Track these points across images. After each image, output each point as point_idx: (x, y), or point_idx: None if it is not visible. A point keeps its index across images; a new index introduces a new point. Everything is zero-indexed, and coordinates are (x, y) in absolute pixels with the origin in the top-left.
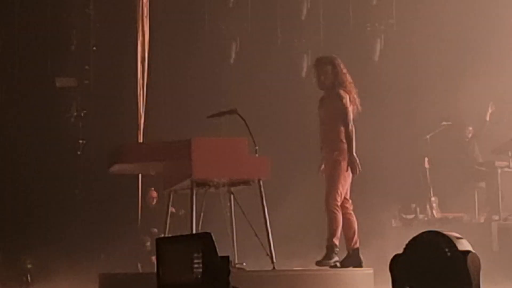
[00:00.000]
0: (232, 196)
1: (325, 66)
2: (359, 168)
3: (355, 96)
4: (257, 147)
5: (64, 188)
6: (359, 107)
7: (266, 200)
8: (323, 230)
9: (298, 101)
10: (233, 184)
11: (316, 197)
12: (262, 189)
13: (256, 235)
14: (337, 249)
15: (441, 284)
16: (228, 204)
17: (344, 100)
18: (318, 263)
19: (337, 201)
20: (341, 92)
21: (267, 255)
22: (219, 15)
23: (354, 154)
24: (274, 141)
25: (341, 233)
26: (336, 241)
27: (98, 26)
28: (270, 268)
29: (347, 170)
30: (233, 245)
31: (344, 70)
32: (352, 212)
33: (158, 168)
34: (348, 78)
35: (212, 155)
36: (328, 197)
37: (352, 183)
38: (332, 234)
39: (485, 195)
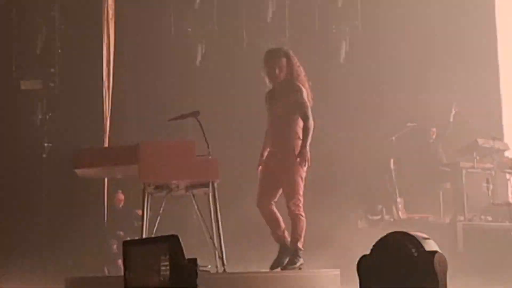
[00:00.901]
0: (193, 198)
1: (280, 58)
2: (308, 163)
3: (308, 89)
4: (210, 150)
5: (29, 191)
6: (311, 101)
7: (227, 202)
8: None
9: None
10: (193, 186)
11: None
12: (216, 191)
13: (210, 237)
14: (302, 252)
15: (409, 284)
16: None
17: (303, 94)
18: (283, 268)
19: (301, 204)
20: (300, 85)
21: (219, 257)
22: (185, 17)
23: (307, 147)
24: (240, 142)
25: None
26: (300, 244)
27: (63, 28)
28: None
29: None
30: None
31: (298, 63)
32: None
33: (124, 172)
34: (302, 70)
35: (160, 158)
36: (291, 201)
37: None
38: (297, 238)
39: (450, 196)
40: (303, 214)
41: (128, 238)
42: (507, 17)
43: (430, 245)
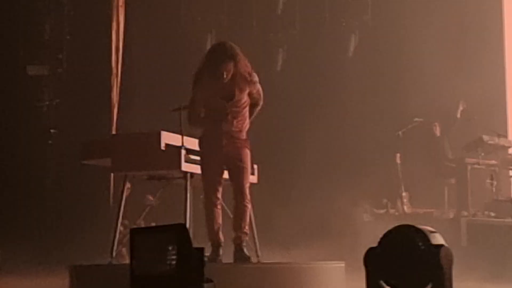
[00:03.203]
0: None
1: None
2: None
3: None
4: (184, 145)
5: (34, 178)
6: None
7: None
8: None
9: (273, 95)
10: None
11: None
12: (189, 182)
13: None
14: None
15: (415, 277)
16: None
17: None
18: (246, 260)
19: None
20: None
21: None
22: (195, 6)
23: None
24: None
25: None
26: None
27: (72, 14)
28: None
29: None
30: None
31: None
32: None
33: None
34: None
35: (129, 150)
36: (246, 189)
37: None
38: (245, 226)
39: (455, 191)
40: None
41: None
42: None
43: (437, 239)
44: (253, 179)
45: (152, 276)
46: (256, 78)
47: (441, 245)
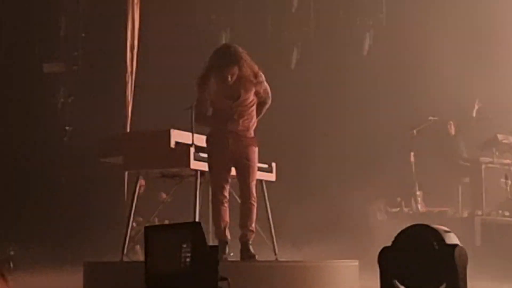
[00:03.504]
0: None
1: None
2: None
3: None
4: (194, 143)
5: (49, 175)
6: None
7: None
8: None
9: (287, 93)
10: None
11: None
12: (199, 180)
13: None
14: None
15: (429, 277)
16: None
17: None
18: (252, 258)
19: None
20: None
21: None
22: (209, 5)
23: None
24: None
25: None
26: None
27: (87, 11)
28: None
29: None
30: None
31: None
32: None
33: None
34: None
35: (139, 148)
36: (253, 188)
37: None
38: (252, 224)
39: (469, 190)
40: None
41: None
42: None
43: (451, 239)
44: (271, 177)
45: (167, 274)
46: (262, 78)
47: (456, 245)
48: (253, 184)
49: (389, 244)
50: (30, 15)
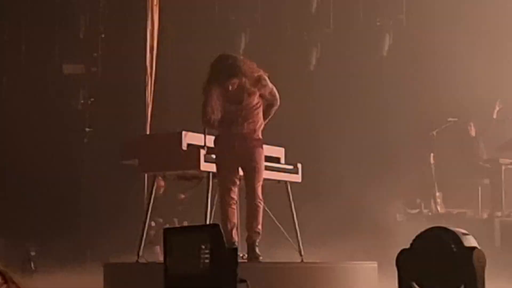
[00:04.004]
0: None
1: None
2: None
3: None
4: (205, 146)
5: (70, 176)
6: None
7: None
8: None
9: (306, 94)
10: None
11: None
12: (211, 181)
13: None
14: None
15: (447, 280)
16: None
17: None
18: (256, 259)
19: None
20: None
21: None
22: (228, 5)
23: None
24: (282, 133)
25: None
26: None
27: (107, 13)
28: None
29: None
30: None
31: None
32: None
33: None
34: None
35: (153, 150)
36: (258, 189)
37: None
38: (258, 226)
39: (489, 191)
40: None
41: (168, 225)
42: None
43: (470, 241)
44: (296, 178)
45: (186, 276)
46: (265, 82)
47: (474, 248)
48: (259, 186)
49: (408, 246)
50: (50, 17)
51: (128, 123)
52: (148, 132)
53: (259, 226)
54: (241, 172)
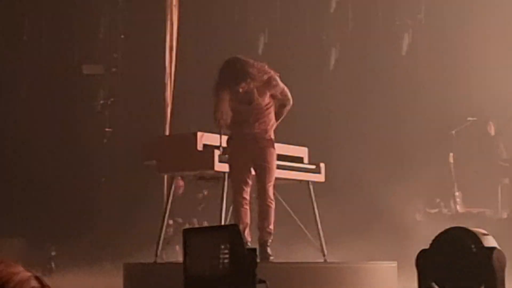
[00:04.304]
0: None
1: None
2: None
3: None
4: (221, 146)
5: (89, 176)
6: None
7: None
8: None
9: (325, 94)
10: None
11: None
12: (226, 182)
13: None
14: None
15: (467, 280)
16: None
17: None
18: (266, 259)
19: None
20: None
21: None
22: (248, 6)
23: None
24: (300, 132)
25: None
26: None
27: (126, 13)
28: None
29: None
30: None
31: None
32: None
33: None
34: None
35: (170, 151)
36: (269, 189)
37: None
38: (269, 226)
39: (509, 191)
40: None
41: (187, 225)
42: None
43: (489, 241)
44: (319, 177)
45: (205, 276)
46: (276, 82)
47: (494, 248)
48: (270, 186)
49: (427, 245)
50: (70, 18)
51: (147, 123)
52: (167, 132)
53: (271, 226)
54: (253, 172)
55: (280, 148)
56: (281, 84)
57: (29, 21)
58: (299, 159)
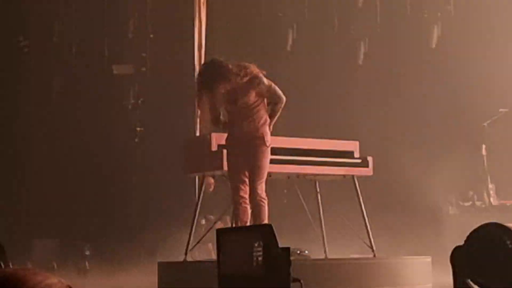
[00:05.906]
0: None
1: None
2: None
3: None
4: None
5: (121, 176)
6: None
7: None
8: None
9: (354, 88)
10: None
11: None
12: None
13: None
14: None
15: (502, 276)
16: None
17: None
18: None
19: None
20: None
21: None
22: (276, 2)
23: None
24: (331, 126)
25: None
26: None
27: (155, 13)
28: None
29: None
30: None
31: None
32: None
33: None
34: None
35: (192, 152)
36: (259, 187)
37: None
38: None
39: None
40: (266, 201)
41: (219, 222)
42: None
43: None
44: (367, 171)
45: (239, 276)
46: (259, 80)
47: None
48: (260, 184)
49: (462, 239)
50: (99, 18)
51: (178, 122)
52: (198, 132)
53: None
54: None
55: (327, 143)
56: (267, 82)
57: (59, 22)
58: (349, 154)
